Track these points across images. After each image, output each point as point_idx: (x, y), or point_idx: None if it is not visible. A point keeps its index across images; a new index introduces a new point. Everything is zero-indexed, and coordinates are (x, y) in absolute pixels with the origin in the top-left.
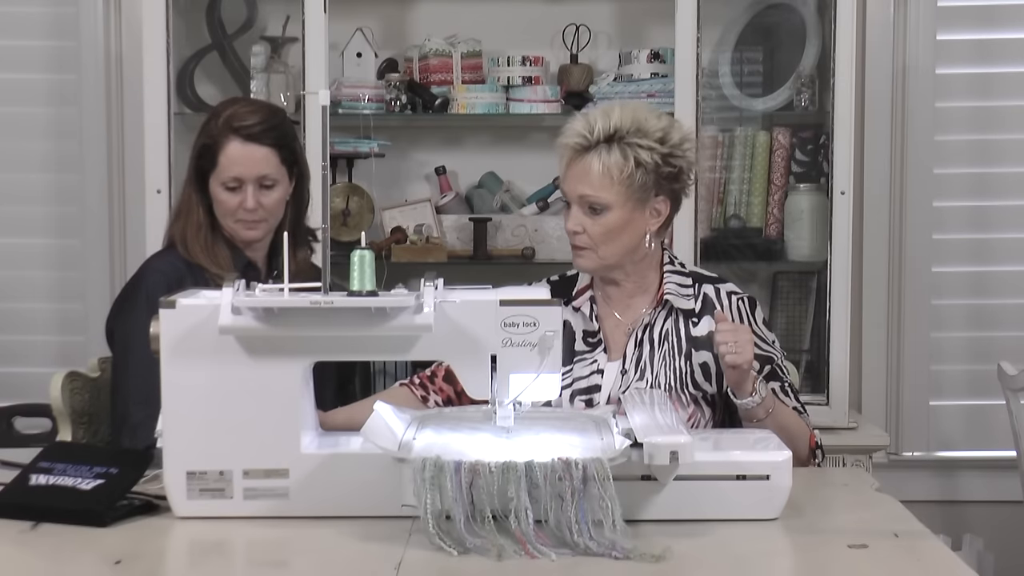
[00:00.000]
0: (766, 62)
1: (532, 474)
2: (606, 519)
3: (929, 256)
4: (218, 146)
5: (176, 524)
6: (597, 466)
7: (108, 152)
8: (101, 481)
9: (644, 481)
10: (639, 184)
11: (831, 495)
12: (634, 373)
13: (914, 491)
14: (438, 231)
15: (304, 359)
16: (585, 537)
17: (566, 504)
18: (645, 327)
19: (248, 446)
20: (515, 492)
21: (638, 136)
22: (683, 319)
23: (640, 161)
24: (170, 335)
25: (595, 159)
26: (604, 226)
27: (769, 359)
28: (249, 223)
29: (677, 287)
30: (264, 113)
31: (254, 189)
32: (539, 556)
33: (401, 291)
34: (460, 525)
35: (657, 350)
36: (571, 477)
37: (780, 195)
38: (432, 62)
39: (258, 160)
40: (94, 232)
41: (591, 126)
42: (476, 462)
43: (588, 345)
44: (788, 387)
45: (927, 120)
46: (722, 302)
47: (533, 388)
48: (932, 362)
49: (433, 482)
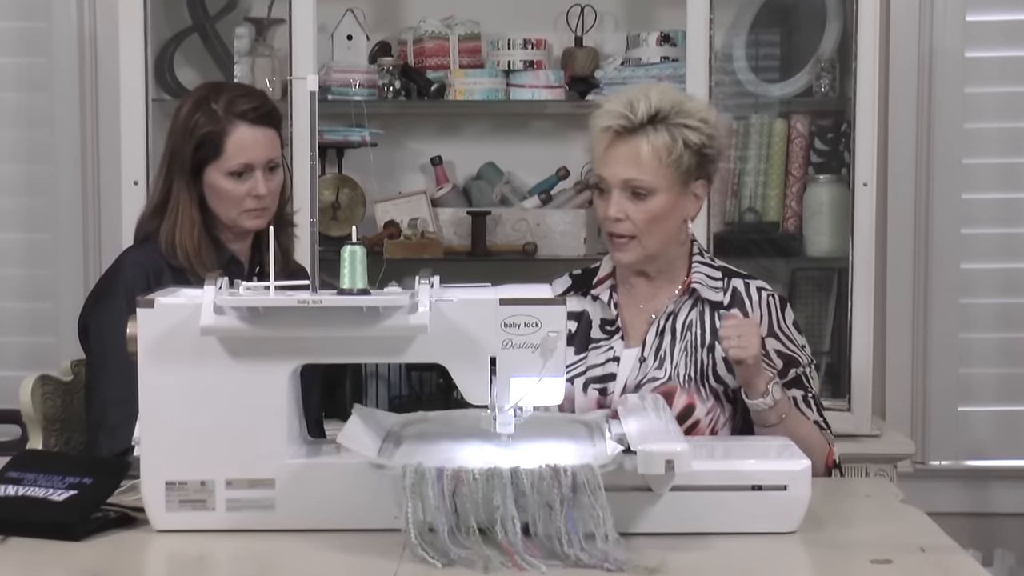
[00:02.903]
0: (783, 45)
1: (518, 481)
2: (598, 529)
3: (957, 252)
4: (224, 133)
5: (154, 538)
6: (587, 473)
7: (82, 141)
8: (74, 492)
9: (652, 492)
10: (685, 167)
11: (853, 507)
12: (653, 361)
13: (942, 503)
14: (434, 225)
15: (291, 361)
16: (576, 548)
17: (555, 513)
18: (668, 315)
19: (231, 455)
20: (501, 500)
21: (681, 116)
22: (709, 311)
23: (688, 142)
24: (148, 336)
25: (643, 141)
26: (649, 212)
27: (794, 362)
28: (256, 212)
29: (706, 278)
30: (258, 95)
31: (263, 174)
32: (527, 568)
33: (395, 289)
34: (444, 536)
35: (679, 340)
36: (560, 485)
37: (798, 187)
38: (428, 45)
39: (266, 143)
40: (67, 226)
41: (633, 106)
42: (459, 469)
43: (605, 333)
44: (812, 399)
45: (955, 106)
46: (751, 297)
47: (535, 393)
48: (961, 365)
49: (414, 490)
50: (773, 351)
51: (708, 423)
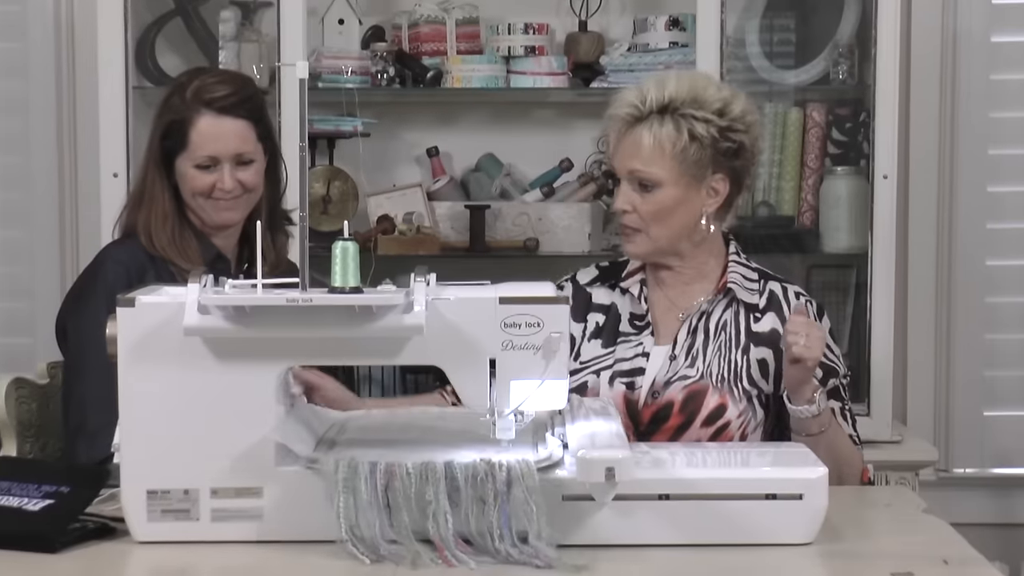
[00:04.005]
0: (799, 30)
1: (452, 473)
2: (531, 525)
3: (983, 247)
4: (187, 122)
5: (135, 550)
6: (523, 468)
7: (58, 131)
8: (51, 501)
9: (661, 501)
10: (693, 159)
11: (872, 517)
12: (684, 360)
13: (966, 513)
14: (430, 220)
15: (280, 363)
16: (507, 544)
17: (488, 508)
18: (701, 315)
19: (217, 462)
20: (433, 495)
21: (694, 107)
22: (745, 312)
23: (695, 134)
24: (128, 337)
25: (645, 131)
26: (655, 204)
27: (833, 372)
28: (227, 203)
29: (742, 278)
30: (236, 83)
31: (231, 168)
32: (456, 564)
33: (389, 288)
34: (376, 531)
35: (712, 340)
36: (494, 479)
37: (815, 179)
38: (423, 30)
39: (234, 135)
40: (43, 221)
41: (643, 96)
42: (392, 463)
43: (634, 328)
44: (847, 412)
45: (981, 94)
46: (788, 301)
47: (537, 397)
48: (986, 367)
49: (347, 484)
50: None
51: (739, 425)
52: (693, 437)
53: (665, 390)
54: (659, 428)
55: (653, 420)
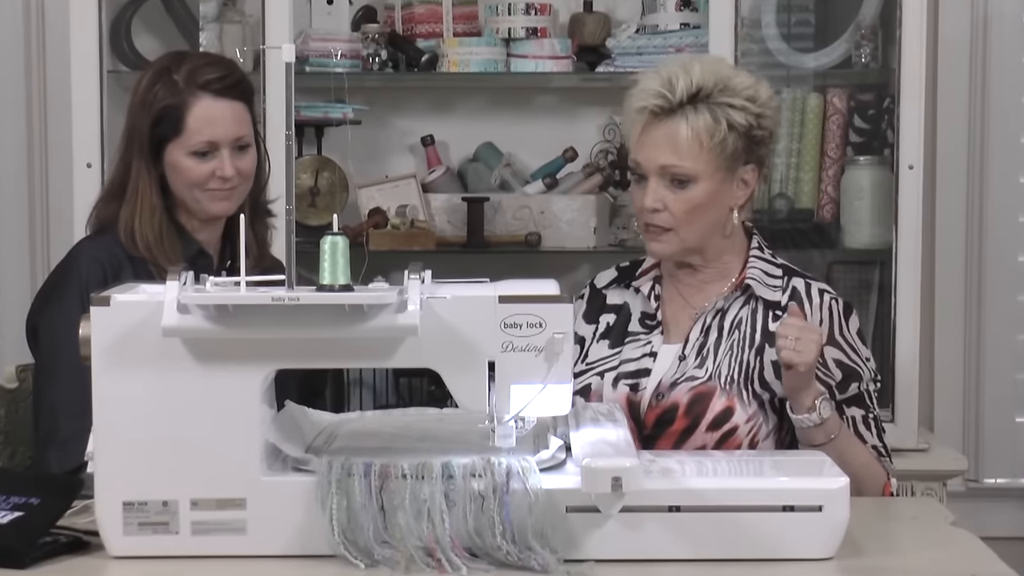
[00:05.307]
0: (819, 10)
1: (450, 472)
2: (529, 519)
3: (1015, 242)
4: (184, 106)
5: (110, 565)
6: (523, 465)
7: (27, 118)
8: (20, 514)
9: (671, 513)
10: (730, 151)
11: (897, 530)
12: (694, 360)
13: (997, 525)
14: (425, 213)
15: (265, 366)
16: (507, 540)
17: (487, 503)
18: (717, 312)
19: (197, 471)
20: (429, 493)
21: (726, 95)
22: (763, 310)
23: (733, 124)
24: (103, 338)
25: (682, 123)
26: (689, 201)
27: (855, 375)
28: (223, 192)
29: (763, 274)
30: (226, 64)
31: (230, 153)
32: (450, 571)
33: (381, 285)
34: (369, 534)
35: (725, 338)
36: (493, 475)
37: (835, 170)
38: (418, 11)
39: (233, 118)
40: (10, 215)
41: (671, 84)
42: (387, 464)
43: (644, 327)
44: (873, 421)
45: (1013, 79)
46: (812, 299)
47: (539, 402)
48: (1018, 370)
49: (340, 486)
50: (832, 360)
51: (747, 431)
52: (698, 441)
53: (671, 392)
54: (663, 432)
55: (657, 423)
